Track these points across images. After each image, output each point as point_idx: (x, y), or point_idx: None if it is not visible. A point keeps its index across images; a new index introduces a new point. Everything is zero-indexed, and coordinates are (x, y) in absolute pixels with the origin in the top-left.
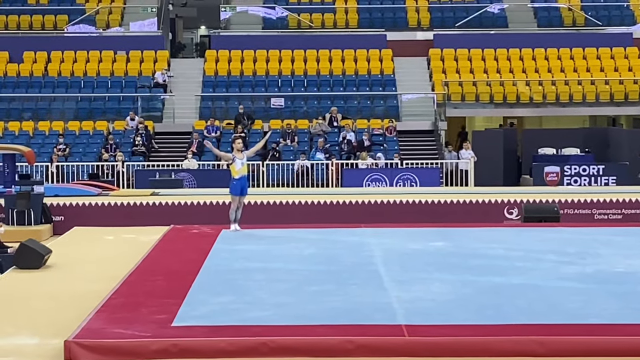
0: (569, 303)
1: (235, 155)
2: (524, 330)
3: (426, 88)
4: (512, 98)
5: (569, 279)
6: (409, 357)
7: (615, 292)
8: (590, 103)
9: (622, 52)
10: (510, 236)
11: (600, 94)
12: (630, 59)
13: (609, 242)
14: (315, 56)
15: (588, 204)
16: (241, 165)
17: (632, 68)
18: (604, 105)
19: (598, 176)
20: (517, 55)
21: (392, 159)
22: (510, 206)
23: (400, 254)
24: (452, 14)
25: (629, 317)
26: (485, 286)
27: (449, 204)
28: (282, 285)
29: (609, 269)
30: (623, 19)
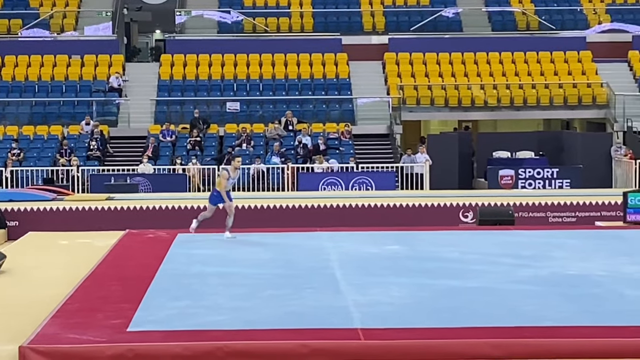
0: (524, 306)
1: (230, 174)
2: (479, 334)
3: (381, 92)
4: (466, 102)
5: (524, 282)
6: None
7: (570, 294)
8: (544, 107)
9: (576, 56)
10: (466, 239)
11: (554, 97)
12: (583, 63)
13: (563, 245)
14: (271, 60)
15: (542, 207)
16: (230, 184)
17: (586, 72)
18: (557, 108)
19: (552, 179)
20: (471, 59)
21: (347, 162)
22: (465, 209)
23: (357, 258)
24: (407, 18)
25: (583, 319)
26: (441, 289)
27: (405, 207)
28: (238, 289)
29: (563, 271)
30: (576, 23)
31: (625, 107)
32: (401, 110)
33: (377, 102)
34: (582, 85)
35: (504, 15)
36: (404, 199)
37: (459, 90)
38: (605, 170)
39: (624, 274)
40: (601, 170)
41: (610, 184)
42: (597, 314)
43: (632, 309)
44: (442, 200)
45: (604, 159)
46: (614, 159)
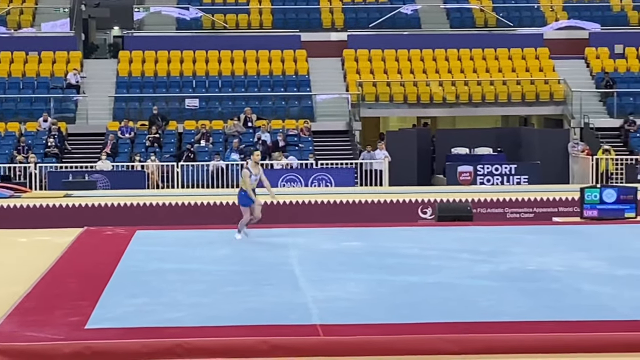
0: (482, 301)
1: (252, 171)
2: (438, 329)
3: (340, 88)
4: (425, 98)
5: (482, 277)
6: (324, 357)
7: (528, 290)
8: (502, 103)
9: (533, 53)
10: (425, 235)
11: (512, 94)
12: (541, 60)
13: (521, 241)
14: (230, 57)
15: (500, 203)
16: (254, 180)
17: (543, 68)
18: (515, 105)
19: (510, 175)
20: (430, 56)
21: (307, 159)
22: (424, 205)
23: (316, 254)
24: (366, 14)
25: (541, 314)
26: (400, 285)
27: (364, 203)
28: (197, 286)
29: (521, 267)
30: (534, 20)
31: (582, 104)
32: (360, 107)
33: (336, 98)
34: (540, 82)
35: (462, 12)
36: (363, 195)
37: (417, 87)
38: (562, 166)
39: (581, 269)
40: (558, 166)
41: (567, 179)
42: (555, 309)
43: (589, 303)
44: (401, 197)
45: (561, 155)
46: (571, 155)
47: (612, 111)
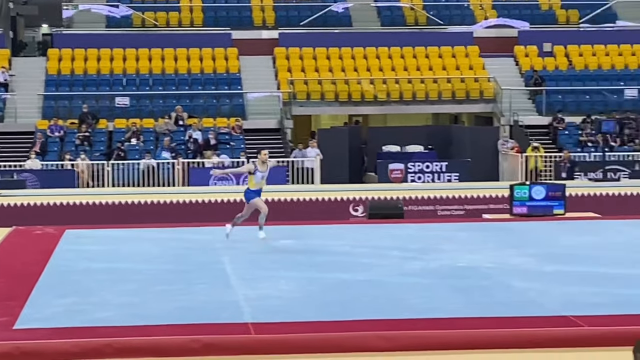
0: (413, 298)
1: (258, 167)
2: (369, 326)
3: (272, 86)
4: (356, 96)
5: (413, 274)
6: (255, 355)
7: (458, 286)
8: (433, 101)
9: (464, 51)
10: (356, 233)
11: (442, 92)
12: (471, 58)
13: (452, 238)
14: (160, 55)
15: (431, 200)
16: (261, 178)
17: (473, 66)
18: (446, 103)
19: (441, 173)
20: (361, 54)
21: (238, 157)
22: (355, 203)
23: (247, 252)
24: (297, 13)
25: (471, 311)
26: (331, 283)
27: (295, 202)
28: (128, 285)
29: (451, 264)
30: (464, 18)
31: (511, 102)
32: (292, 105)
33: (268, 96)
34: (470, 79)
35: (392, 10)
36: (294, 193)
37: (349, 85)
38: (492, 163)
39: (511, 265)
40: (488, 164)
41: (497, 177)
42: (485, 305)
43: (519, 300)
44: (333, 195)
45: (491, 152)
46: (500, 153)
47: (541, 109)
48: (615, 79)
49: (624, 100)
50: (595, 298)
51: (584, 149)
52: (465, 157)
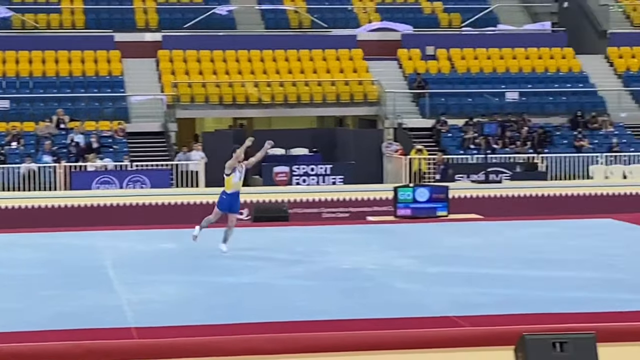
0: (298, 301)
1: (237, 168)
2: (253, 329)
3: (155, 89)
4: (241, 99)
5: (298, 277)
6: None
7: (343, 288)
8: (317, 104)
9: (348, 54)
10: (241, 236)
11: (326, 95)
12: (355, 61)
13: (336, 240)
14: (41, 57)
15: (316, 203)
16: (239, 178)
17: (357, 69)
18: (330, 106)
19: (325, 175)
20: (245, 57)
21: (121, 161)
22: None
23: (131, 257)
24: (181, 15)
25: (355, 312)
26: (216, 286)
27: (180, 205)
28: (8, 291)
29: (336, 266)
30: (347, 22)
31: (395, 105)
32: (176, 108)
33: (151, 99)
34: (354, 82)
35: (276, 13)
36: (178, 196)
37: (233, 88)
38: (376, 166)
39: (395, 267)
40: (373, 166)
41: (381, 179)
42: (370, 306)
43: (402, 301)
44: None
45: (376, 155)
46: (385, 155)
47: (425, 112)
48: (497, 82)
49: (505, 103)
50: (477, 298)
51: (467, 151)
52: (350, 160)
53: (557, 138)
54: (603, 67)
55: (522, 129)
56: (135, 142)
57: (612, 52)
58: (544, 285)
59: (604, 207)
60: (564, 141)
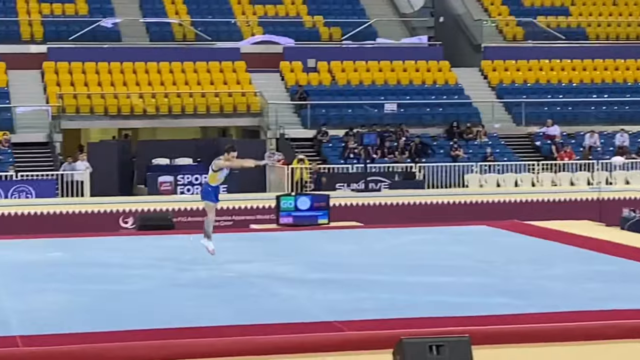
0: (184, 308)
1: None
2: (139, 336)
3: (41, 100)
4: (126, 110)
5: (184, 285)
6: None
7: (227, 296)
8: (201, 115)
9: (231, 66)
10: (127, 244)
11: (210, 106)
12: (238, 73)
13: (220, 248)
14: None
15: (201, 211)
16: (223, 176)
17: (240, 81)
18: (214, 116)
19: None
20: (130, 69)
21: (6, 171)
22: (125, 215)
23: (16, 266)
24: (66, 27)
25: (240, 319)
26: (102, 294)
27: (65, 214)
28: None
29: (221, 274)
30: (231, 35)
31: (277, 115)
32: (61, 119)
33: (37, 110)
34: (237, 94)
35: (161, 26)
36: (64, 206)
37: (118, 99)
38: (259, 175)
39: (277, 273)
40: (256, 176)
41: (264, 188)
42: (253, 313)
43: (285, 307)
44: (103, 207)
45: None
46: (267, 165)
47: (306, 122)
48: (376, 94)
49: (384, 114)
50: (358, 304)
51: (347, 161)
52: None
53: (434, 148)
54: (477, 80)
55: (400, 139)
56: (20, 152)
57: (486, 65)
58: (421, 290)
59: (478, 214)
60: (440, 151)
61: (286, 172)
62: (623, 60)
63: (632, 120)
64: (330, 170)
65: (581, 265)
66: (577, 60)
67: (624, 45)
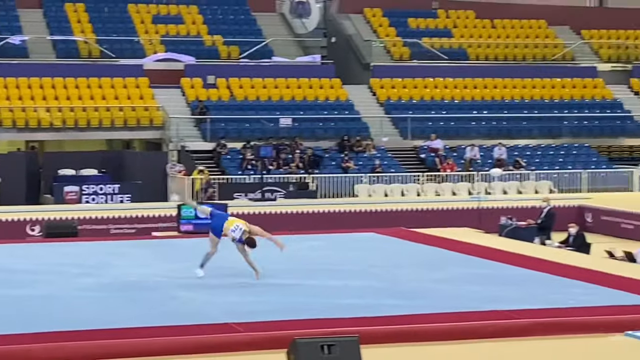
0: (87, 311)
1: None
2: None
3: None
4: (34, 123)
5: (88, 289)
6: None
7: (130, 298)
8: (106, 128)
9: (134, 82)
10: (33, 251)
11: (115, 119)
12: (141, 88)
13: (124, 254)
14: None
15: (105, 220)
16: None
17: (143, 96)
18: (118, 130)
19: (114, 194)
20: (37, 84)
21: None
22: (32, 223)
23: None
24: None
25: (142, 321)
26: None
27: None
28: None
29: (124, 278)
30: (134, 52)
31: (179, 129)
32: None
33: None
34: (140, 108)
35: (67, 43)
36: None
37: (26, 112)
38: (161, 185)
39: (178, 278)
40: (158, 186)
41: (166, 197)
42: (155, 315)
43: (185, 309)
44: (10, 216)
45: (161, 175)
46: (169, 175)
47: (206, 135)
48: (272, 109)
49: (279, 128)
50: (254, 306)
51: (245, 172)
52: (137, 180)
53: (326, 160)
54: (366, 96)
55: (294, 152)
56: None
57: (374, 82)
58: (315, 293)
59: (367, 222)
60: (332, 163)
61: (186, 183)
62: (501, 79)
63: (509, 135)
64: (229, 180)
65: (463, 269)
66: (459, 79)
67: (501, 65)
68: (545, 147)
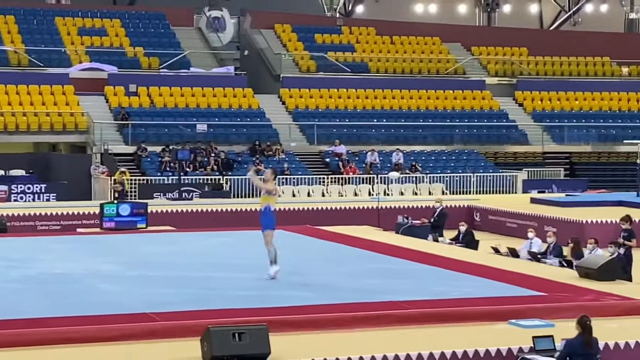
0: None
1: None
2: None
3: None
4: None
5: (13, 281)
6: None
7: (53, 290)
8: (34, 132)
9: (61, 89)
10: None
11: (42, 124)
12: (67, 95)
13: (49, 249)
14: None
15: (32, 217)
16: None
17: (69, 103)
18: (45, 133)
19: (41, 193)
20: None
21: None
22: None
23: None
24: None
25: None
26: None
27: None
28: None
29: (49, 271)
30: (61, 62)
31: (102, 133)
32: None
33: None
34: (66, 114)
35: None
36: None
37: None
38: (86, 185)
39: (99, 271)
40: (83, 186)
41: (90, 197)
42: (75, 305)
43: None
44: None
45: (85, 176)
46: (93, 176)
47: (128, 139)
48: (189, 116)
49: (196, 133)
50: (171, 297)
51: (164, 173)
52: (63, 180)
53: (239, 163)
54: (276, 105)
55: (210, 155)
56: None
57: (284, 92)
58: (227, 285)
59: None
60: (244, 166)
61: (109, 183)
62: (399, 90)
63: (406, 142)
64: (149, 181)
65: (363, 263)
66: (361, 90)
67: (400, 78)
68: (439, 152)
